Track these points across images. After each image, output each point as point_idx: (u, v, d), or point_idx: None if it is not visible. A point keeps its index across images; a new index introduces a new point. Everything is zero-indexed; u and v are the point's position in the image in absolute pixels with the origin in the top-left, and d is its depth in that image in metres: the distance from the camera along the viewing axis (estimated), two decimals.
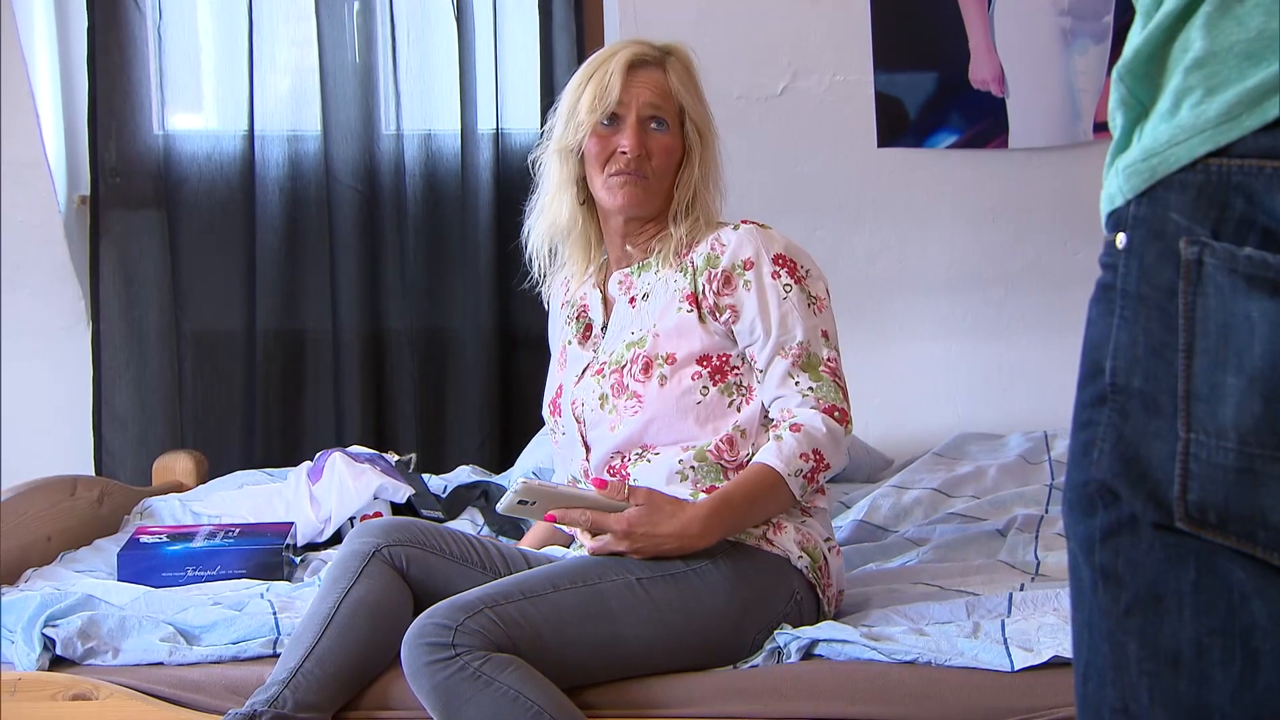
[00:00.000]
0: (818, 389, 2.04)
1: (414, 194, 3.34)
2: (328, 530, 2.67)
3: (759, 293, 2.06)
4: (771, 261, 2.07)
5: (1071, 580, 1.01)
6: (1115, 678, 0.96)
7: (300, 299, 3.37)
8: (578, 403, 2.14)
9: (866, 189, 3.30)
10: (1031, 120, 3.22)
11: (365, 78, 3.32)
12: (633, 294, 2.16)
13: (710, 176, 2.15)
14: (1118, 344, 0.95)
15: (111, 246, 3.34)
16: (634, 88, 2.09)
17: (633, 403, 2.06)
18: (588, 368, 2.17)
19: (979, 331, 3.34)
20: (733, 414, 2.05)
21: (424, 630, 1.85)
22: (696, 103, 2.13)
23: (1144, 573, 0.94)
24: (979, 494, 2.80)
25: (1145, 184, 0.94)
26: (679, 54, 2.15)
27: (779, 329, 2.05)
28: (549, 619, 1.88)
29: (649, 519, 1.92)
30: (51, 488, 2.64)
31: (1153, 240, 0.93)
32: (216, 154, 3.34)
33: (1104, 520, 0.96)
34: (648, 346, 2.07)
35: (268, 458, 3.29)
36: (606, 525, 1.91)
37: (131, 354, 3.37)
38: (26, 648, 2.07)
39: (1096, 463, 0.96)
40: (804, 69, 3.24)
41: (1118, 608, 0.96)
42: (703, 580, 1.95)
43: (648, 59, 2.11)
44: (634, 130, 2.08)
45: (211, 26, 3.43)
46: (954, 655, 1.93)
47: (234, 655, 2.08)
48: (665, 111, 2.10)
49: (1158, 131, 0.94)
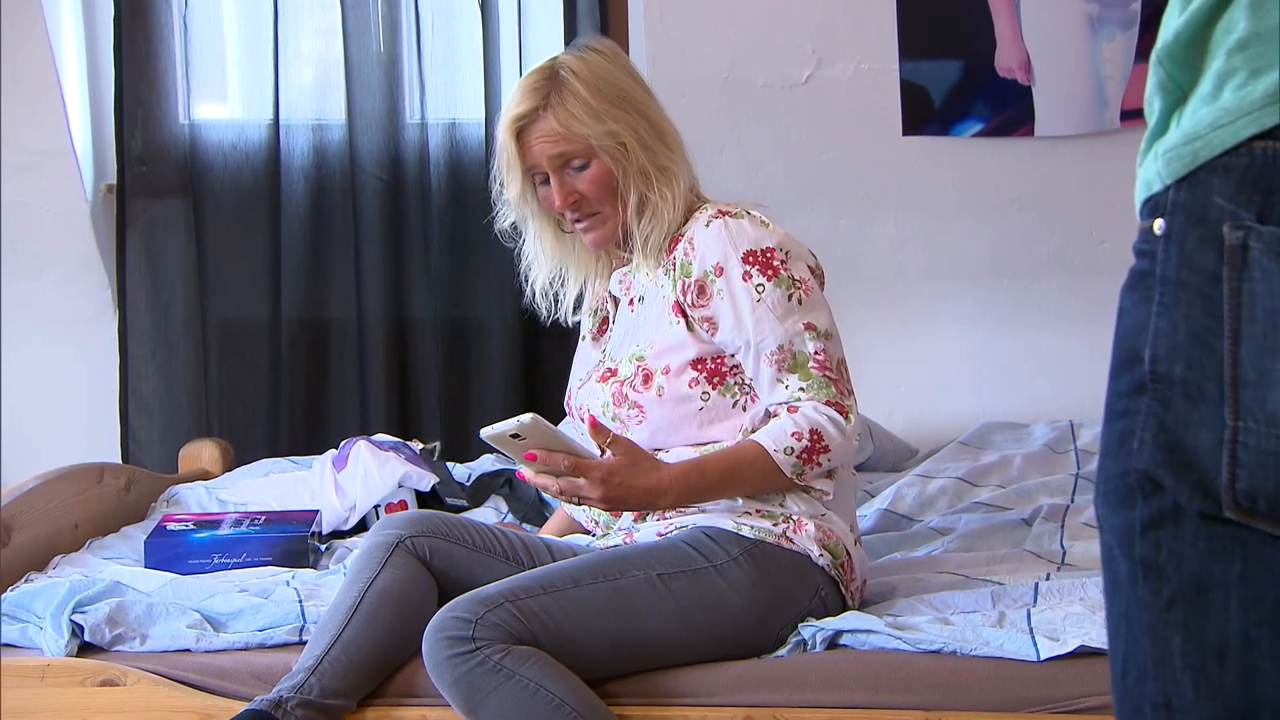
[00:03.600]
0: (809, 388, 1.99)
1: (438, 183, 3.35)
2: (353, 518, 2.67)
3: (731, 301, 2.00)
4: (741, 261, 2.00)
5: (1106, 573, 0.99)
6: (1157, 671, 0.95)
7: (325, 288, 3.38)
8: (583, 409, 2.14)
9: (891, 178, 3.29)
10: (1058, 108, 3.20)
11: (390, 67, 3.33)
12: (631, 295, 2.15)
13: (652, 169, 2.05)
14: (1157, 331, 0.93)
15: (138, 235, 3.35)
16: (532, 148, 2.05)
17: (635, 413, 2.05)
18: (593, 371, 2.17)
19: (1004, 320, 3.32)
20: (738, 414, 2.04)
21: (444, 624, 1.85)
22: (597, 120, 2.02)
23: (1188, 564, 0.92)
24: (1004, 483, 2.79)
25: (1186, 168, 0.93)
26: (559, 84, 2.04)
27: (755, 335, 1.99)
28: (569, 613, 1.88)
29: (627, 470, 1.91)
30: (79, 475, 2.65)
31: (1194, 225, 0.92)
32: (242, 143, 3.35)
33: (1144, 511, 0.94)
34: (648, 359, 2.06)
35: (293, 446, 3.31)
36: (585, 470, 1.90)
37: (158, 342, 3.38)
38: (55, 634, 2.08)
39: (1136, 452, 0.94)
40: (829, 57, 3.23)
41: (1159, 600, 0.94)
42: (724, 578, 1.95)
43: (526, 114, 2.04)
44: (556, 186, 2.05)
45: (237, 16, 3.44)
46: (979, 645, 1.93)
47: (260, 642, 2.09)
48: (572, 151, 2.04)
49: (1199, 115, 0.93)
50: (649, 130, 2.06)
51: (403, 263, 3.36)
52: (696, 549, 1.97)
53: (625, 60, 2.13)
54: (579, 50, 2.09)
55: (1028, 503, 2.64)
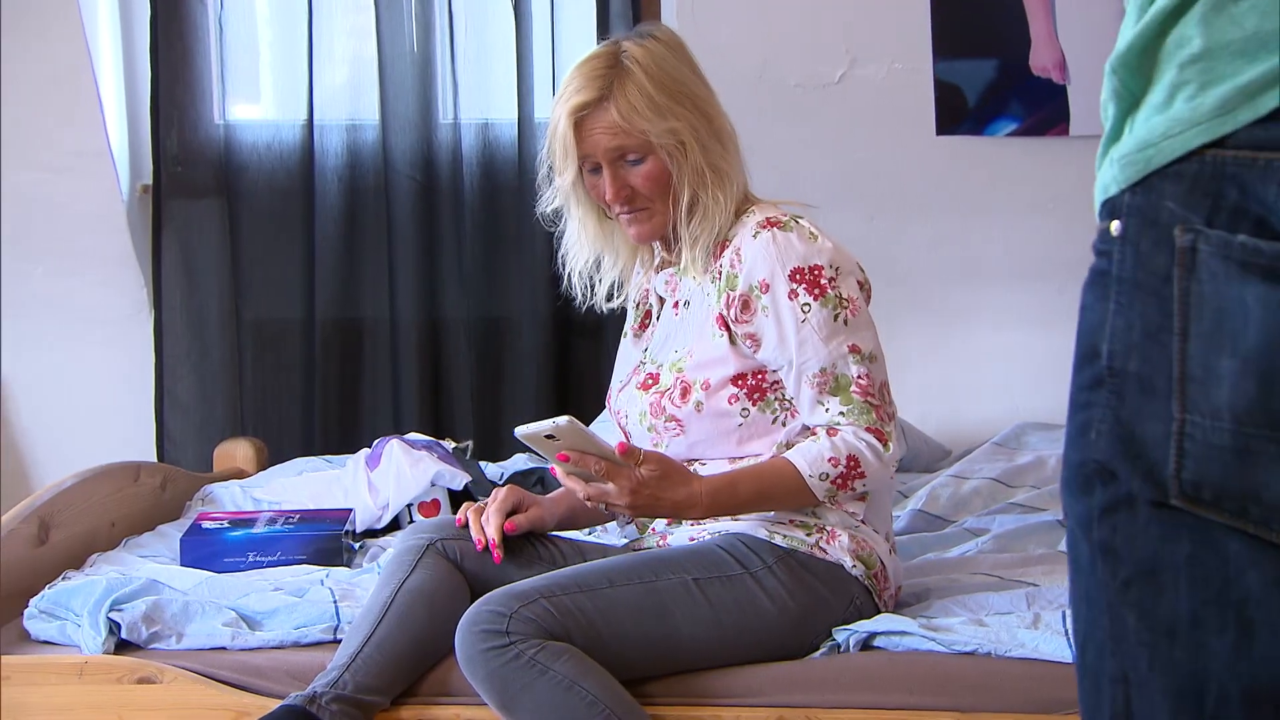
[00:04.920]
0: (850, 412, 1.95)
1: (471, 183, 3.35)
2: (386, 517, 2.68)
3: (776, 319, 1.95)
4: (788, 279, 1.94)
5: (1070, 556, 1.04)
6: (1114, 648, 1.00)
7: (358, 287, 3.39)
8: (621, 414, 2.13)
9: (925, 177, 3.27)
10: (1094, 107, 3.18)
11: (423, 67, 3.34)
12: (677, 298, 2.11)
13: (708, 173, 1.99)
14: (1114, 328, 0.98)
15: (173, 235, 3.38)
16: (589, 137, 1.98)
17: (673, 425, 2.03)
18: (633, 374, 2.14)
19: (1038, 320, 3.30)
20: (778, 429, 2.01)
21: (479, 617, 1.85)
22: (659, 115, 1.96)
23: (1141, 548, 0.97)
24: (1039, 484, 2.77)
25: (1140, 174, 0.97)
26: (623, 74, 1.98)
27: (798, 357, 1.95)
28: (604, 613, 1.88)
29: (657, 483, 1.89)
30: (115, 473, 2.67)
31: (1148, 228, 0.96)
32: (276, 143, 3.37)
33: (1102, 498, 0.99)
34: (687, 371, 2.02)
35: (326, 445, 3.32)
36: (616, 476, 1.88)
37: (193, 342, 3.40)
38: (93, 631, 2.10)
39: (1094, 443, 0.99)
40: (862, 57, 3.22)
41: (1115, 581, 0.99)
42: (760, 584, 1.94)
43: (588, 104, 1.97)
44: (609, 178, 2.00)
45: (271, 16, 3.46)
46: (1014, 646, 1.92)
47: (295, 641, 2.11)
48: (629, 145, 1.98)
49: (1152, 123, 0.97)
50: (708, 129, 2.01)
51: (435, 262, 3.37)
52: (732, 554, 1.97)
53: (686, 51, 2.07)
54: (641, 37, 2.03)
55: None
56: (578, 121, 1.98)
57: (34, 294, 3.37)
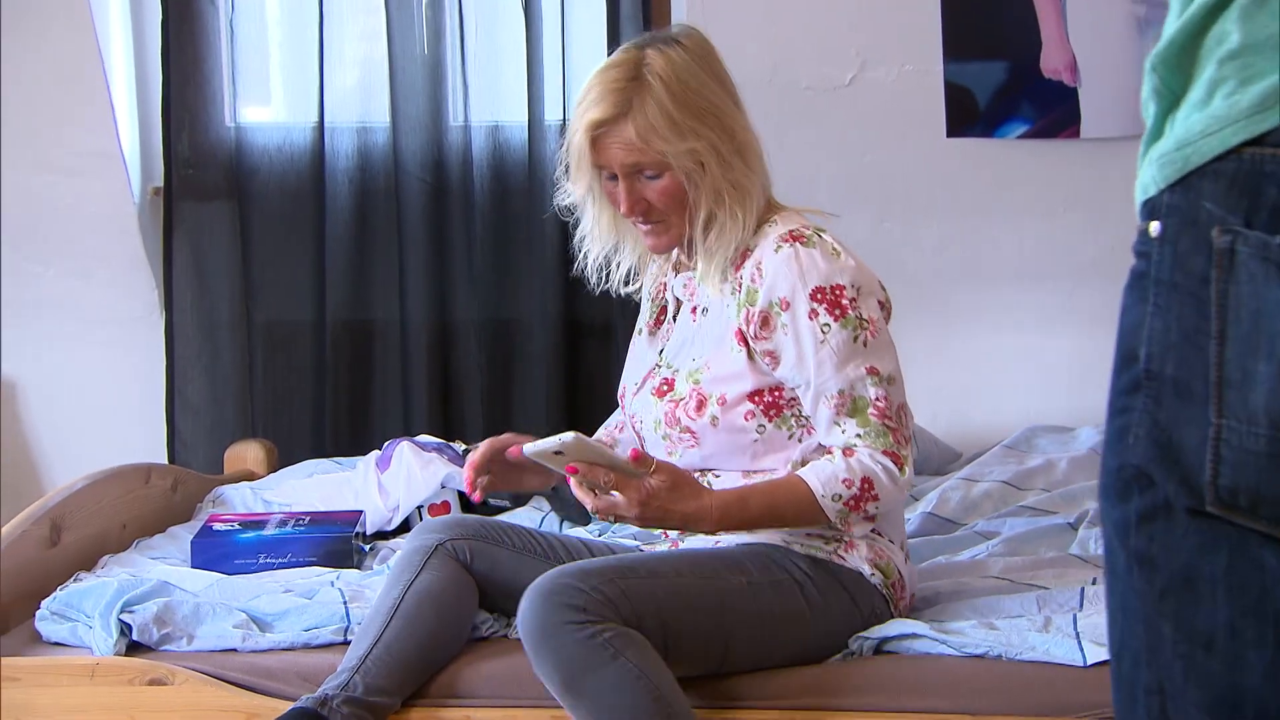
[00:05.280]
0: (866, 435, 1.91)
1: (481, 185, 3.35)
2: (396, 519, 2.69)
3: (795, 338, 1.92)
4: (809, 298, 1.90)
5: (1106, 563, 1.02)
6: (1150, 659, 0.98)
7: (369, 289, 3.40)
8: (635, 419, 2.10)
9: (935, 179, 3.27)
10: (1104, 110, 3.18)
11: (433, 70, 3.34)
12: (695, 303, 2.06)
13: (727, 190, 1.94)
14: (1151, 331, 0.97)
15: (184, 237, 3.38)
16: (605, 150, 1.93)
17: (687, 437, 2.00)
18: (648, 376, 2.10)
19: (1049, 323, 3.30)
20: (794, 445, 1.98)
21: (557, 588, 1.81)
22: (678, 136, 1.90)
23: (1178, 556, 0.95)
24: (1049, 487, 2.77)
25: (1178, 173, 0.95)
26: (643, 89, 1.91)
27: (817, 377, 1.91)
28: (670, 603, 1.87)
29: (666, 494, 1.85)
30: (127, 475, 2.67)
31: (1186, 228, 0.95)
32: (287, 146, 3.37)
33: (1139, 505, 0.97)
34: (704, 384, 1.99)
35: (337, 446, 3.33)
36: (624, 489, 1.84)
37: (204, 343, 3.41)
38: (104, 633, 2.10)
39: (1131, 448, 0.97)
40: (873, 59, 3.22)
41: (1152, 591, 0.97)
42: (803, 592, 1.94)
43: (605, 121, 1.91)
44: (624, 191, 1.95)
45: (281, 19, 3.46)
46: (1025, 649, 1.92)
47: (305, 642, 2.11)
48: (646, 163, 1.92)
49: (1190, 121, 0.95)
50: (729, 145, 1.94)
51: (446, 264, 3.37)
52: (777, 562, 1.96)
53: (713, 57, 2.00)
54: (666, 44, 1.96)
55: (1073, 507, 2.62)
56: (594, 134, 1.93)
57: (45, 296, 3.37)
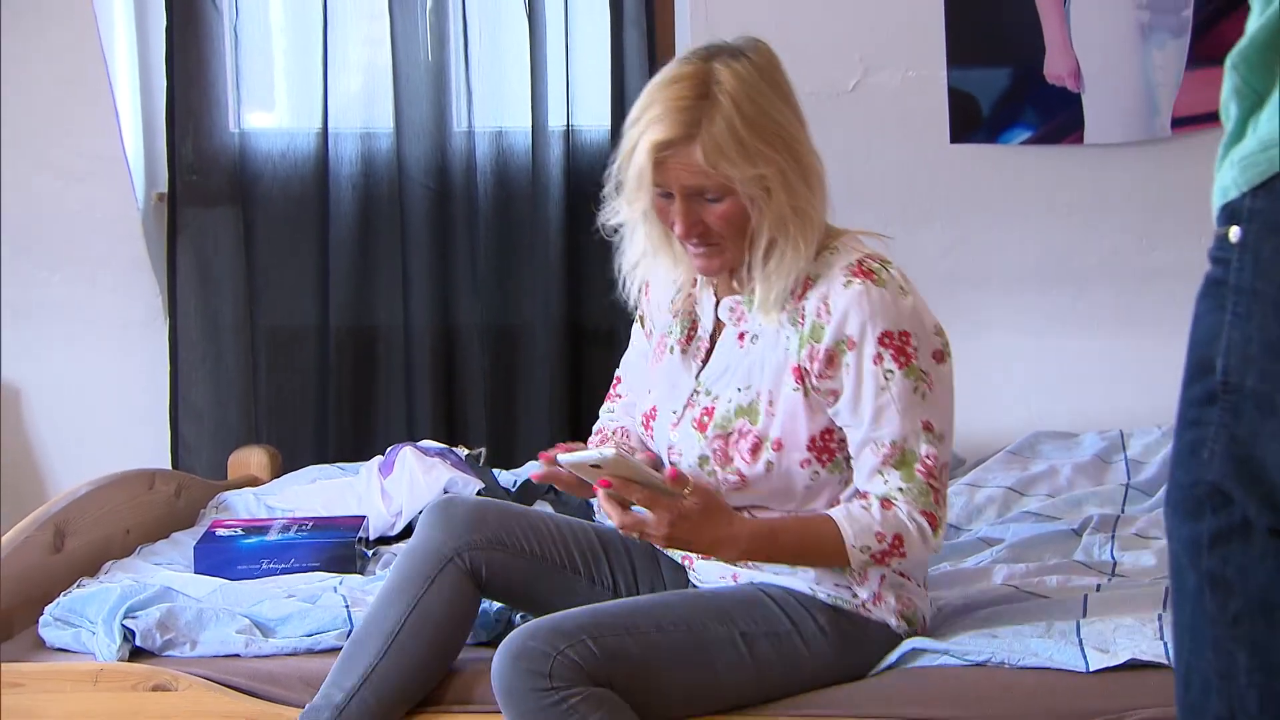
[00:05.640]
0: (908, 490, 1.84)
1: (485, 190, 3.36)
2: (399, 524, 2.69)
3: (856, 379, 1.84)
4: (876, 342, 1.83)
5: (1172, 583, 0.98)
6: (1221, 686, 0.94)
7: (372, 294, 3.40)
8: (674, 450, 1.98)
9: (939, 185, 3.27)
10: (1108, 115, 3.18)
11: (437, 75, 3.34)
12: (743, 329, 1.95)
13: (791, 217, 1.84)
14: (1230, 341, 0.92)
15: (188, 242, 3.38)
16: (668, 169, 1.81)
17: (735, 479, 1.91)
18: (688, 405, 1.98)
19: (1052, 329, 3.30)
20: (842, 488, 1.92)
21: (523, 651, 1.79)
22: (747, 161, 1.80)
23: (1256, 579, 0.91)
24: (1053, 493, 2.77)
25: (1263, 176, 0.91)
26: (712, 108, 1.80)
27: (871, 424, 1.84)
28: (648, 659, 1.83)
29: (697, 518, 1.80)
30: (131, 481, 2.67)
31: (1270, 234, 0.90)
32: (291, 151, 3.38)
33: (1213, 524, 0.93)
34: (759, 425, 1.89)
35: (340, 452, 3.33)
36: (655, 508, 1.79)
37: (207, 349, 3.41)
38: (107, 639, 2.11)
39: (1206, 463, 0.93)
40: (876, 64, 3.22)
41: (1225, 615, 0.92)
42: (807, 645, 1.90)
43: (672, 142, 1.80)
44: (681, 213, 1.84)
45: (286, 25, 3.47)
46: (1027, 656, 1.92)
47: (308, 647, 2.12)
48: (709, 186, 1.82)
49: (1276, 121, 0.91)
50: (796, 171, 1.84)
51: (449, 270, 3.38)
52: (783, 609, 1.91)
53: (781, 73, 1.90)
54: (734, 57, 1.85)
55: (1077, 513, 2.62)
56: (658, 154, 1.81)
57: (49, 300, 3.38)
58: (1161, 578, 2.22)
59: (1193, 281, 1.01)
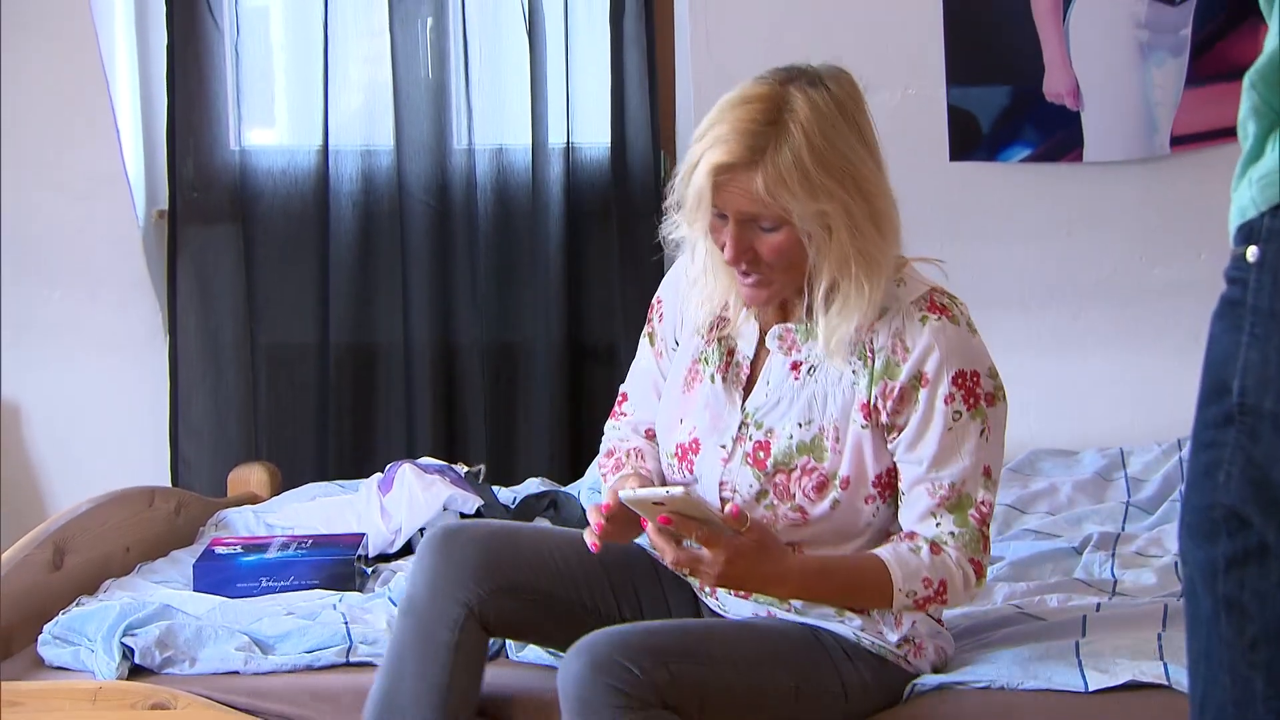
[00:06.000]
0: (960, 536, 1.80)
1: (485, 208, 3.36)
2: (398, 541, 2.69)
3: (924, 417, 1.80)
4: (951, 381, 1.79)
5: (1187, 607, 0.96)
6: (1238, 713, 0.92)
7: (372, 312, 3.40)
8: (727, 485, 1.89)
9: (939, 203, 3.27)
10: (1107, 134, 3.18)
11: (437, 93, 3.35)
12: (796, 358, 1.87)
13: (855, 260, 1.77)
14: (1247, 362, 0.90)
15: (189, 260, 3.39)
16: (725, 193, 1.74)
17: (797, 515, 1.85)
18: (739, 440, 1.89)
19: (1052, 346, 3.30)
20: (895, 523, 1.88)
21: (608, 665, 1.73)
22: (810, 195, 1.72)
23: (1273, 604, 0.90)
24: (1053, 510, 2.77)
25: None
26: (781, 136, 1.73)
27: (932, 464, 1.80)
28: (715, 693, 1.78)
29: (753, 555, 1.73)
30: (130, 499, 2.67)
31: None
32: (291, 169, 3.38)
33: (1228, 547, 0.91)
34: (826, 462, 1.84)
35: (340, 469, 3.33)
36: (713, 545, 1.71)
37: (207, 366, 3.41)
38: (106, 657, 2.10)
39: (1222, 486, 0.91)
40: (875, 83, 3.17)
41: (1242, 640, 0.91)
42: (850, 701, 1.86)
43: (735, 163, 1.73)
44: (732, 239, 1.77)
45: (287, 43, 3.48)
46: (1027, 679, 1.91)
47: (308, 664, 2.12)
48: (766, 216, 1.75)
49: None
50: (865, 212, 1.77)
51: (449, 287, 3.38)
52: (835, 664, 1.86)
53: (862, 108, 1.83)
54: (811, 84, 1.79)
55: (1077, 531, 2.62)
56: (717, 176, 1.74)
57: (50, 318, 3.38)
58: (1162, 596, 2.22)
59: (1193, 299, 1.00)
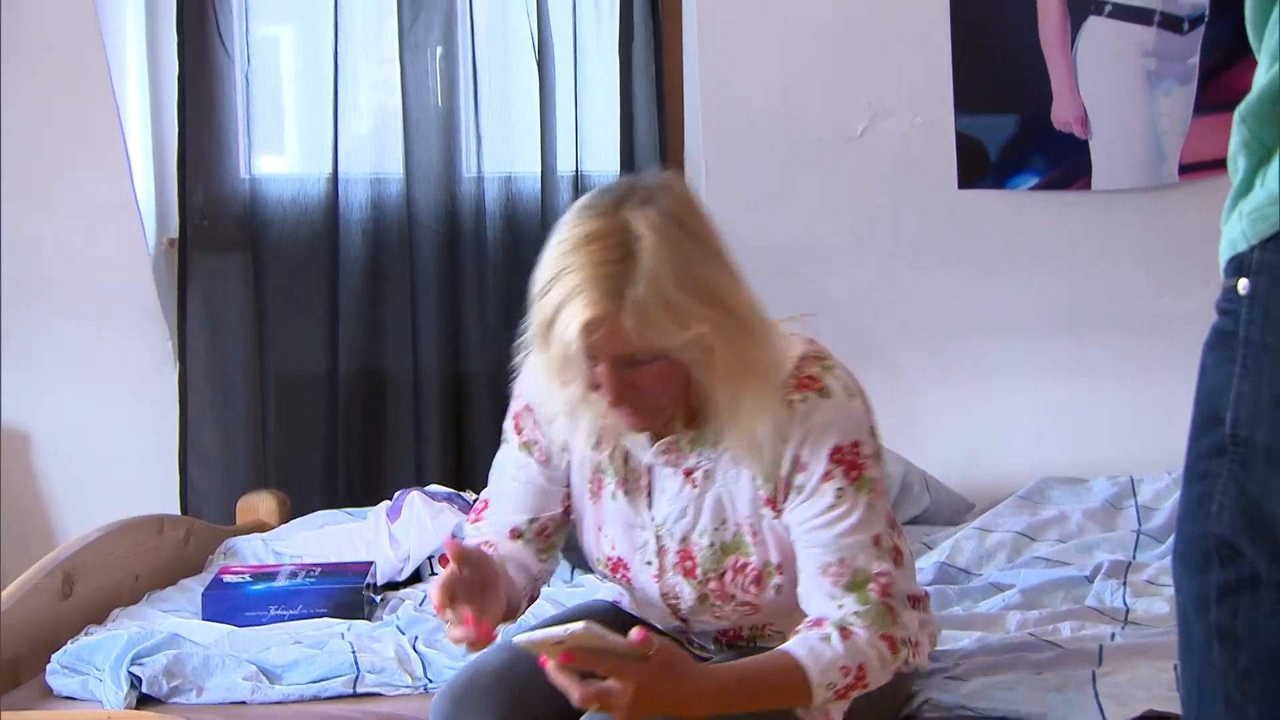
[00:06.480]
0: (865, 614, 1.72)
1: (494, 236, 3.37)
2: (406, 569, 2.68)
3: (808, 499, 1.74)
4: (828, 459, 1.72)
5: (1181, 636, 0.97)
6: None
7: (382, 339, 3.40)
8: (670, 595, 1.87)
9: (946, 231, 3.28)
10: (1115, 162, 3.19)
11: (447, 121, 3.36)
12: (686, 466, 1.81)
13: (738, 367, 1.69)
14: (1239, 394, 0.91)
15: (198, 288, 3.39)
16: (597, 344, 1.64)
17: (746, 608, 1.84)
18: (660, 554, 1.85)
19: (1060, 374, 3.30)
20: None
21: None
22: (679, 326, 1.63)
23: (1266, 634, 0.90)
24: (1063, 538, 2.76)
25: (1272, 229, 0.91)
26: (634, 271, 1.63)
27: (823, 546, 1.74)
28: None
29: (661, 679, 1.61)
30: (140, 527, 2.67)
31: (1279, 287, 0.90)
32: (301, 197, 3.39)
33: (1220, 577, 0.92)
34: (755, 557, 1.80)
35: (349, 496, 3.32)
36: (621, 675, 1.60)
37: (216, 394, 3.41)
38: (114, 686, 2.10)
39: (1215, 516, 0.92)
40: (884, 110, 3.23)
41: (1235, 669, 0.92)
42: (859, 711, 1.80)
43: (602, 315, 1.63)
44: (610, 382, 1.68)
45: (297, 71, 3.49)
46: (1045, 711, 1.89)
47: (315, 694, 2.11)
48: (643, 352, 1.66)
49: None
50: (735, 325, 1.68)
51: (458, 315, 3.38)
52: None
53: (695, 213, 1.71)
54: (645, 203, 1.67)
55: (1088, 559, 2.61)
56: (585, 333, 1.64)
57: (59, 345, 3.39)
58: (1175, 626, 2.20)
59: (1202, 327, 1.00)
